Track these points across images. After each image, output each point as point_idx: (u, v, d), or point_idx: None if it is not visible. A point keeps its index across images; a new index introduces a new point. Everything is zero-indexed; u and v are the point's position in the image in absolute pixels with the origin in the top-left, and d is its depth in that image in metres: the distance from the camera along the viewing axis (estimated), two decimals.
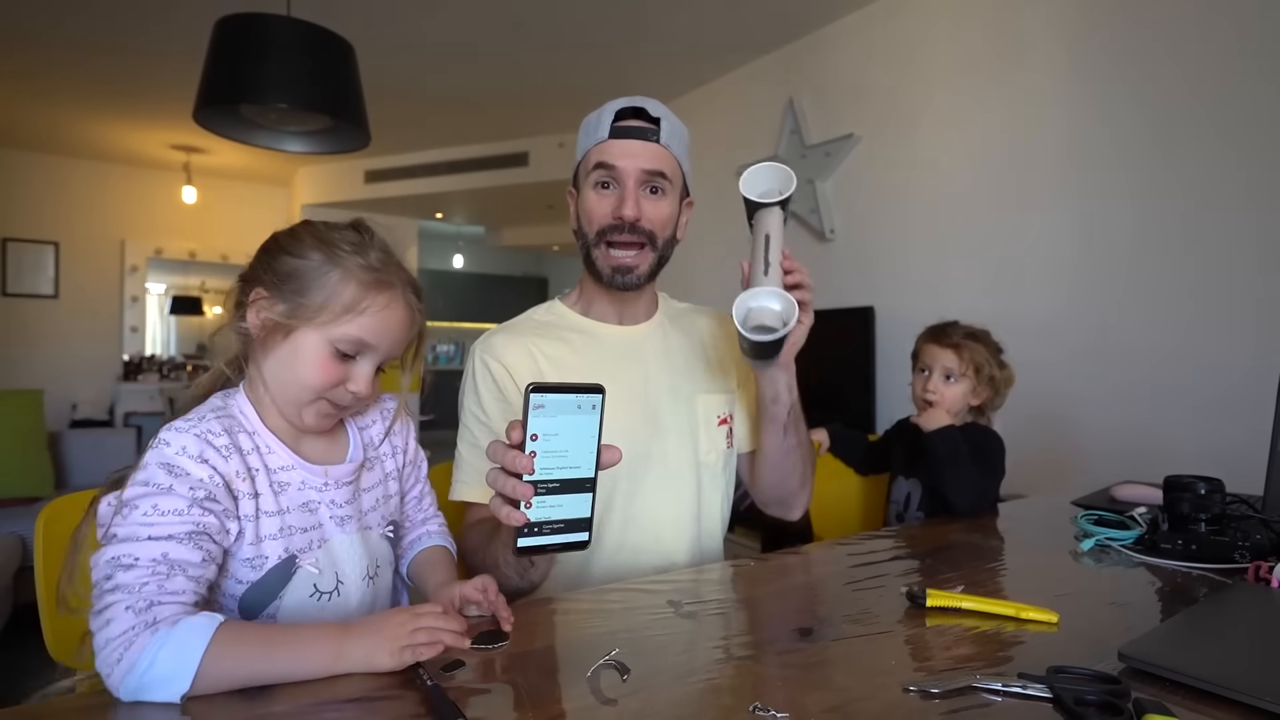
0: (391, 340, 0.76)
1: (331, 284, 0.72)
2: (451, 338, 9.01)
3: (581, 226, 1.07)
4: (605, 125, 1.02)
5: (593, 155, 1.03)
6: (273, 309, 0.72)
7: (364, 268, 0.73)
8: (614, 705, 0.58)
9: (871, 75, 2.89)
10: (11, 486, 2.90)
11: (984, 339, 1.47)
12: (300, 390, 0.73)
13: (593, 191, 1.04)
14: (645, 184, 1.03)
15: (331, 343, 0.72)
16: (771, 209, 0.93)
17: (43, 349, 5.34)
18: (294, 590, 0.73)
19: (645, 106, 1.04)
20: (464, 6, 3.00)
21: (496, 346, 1.06)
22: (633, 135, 1.02)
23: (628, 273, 1.05)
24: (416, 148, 5.13)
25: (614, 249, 1.04)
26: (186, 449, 0.66)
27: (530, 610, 0.80)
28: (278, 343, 0.73)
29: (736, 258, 1.00)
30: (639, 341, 1.12)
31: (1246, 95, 1.84)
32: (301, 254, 0.73)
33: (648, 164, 1.02)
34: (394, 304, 0.75)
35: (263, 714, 0.55)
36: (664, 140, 1.03)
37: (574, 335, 1.10)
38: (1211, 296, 1.89)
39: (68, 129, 4.73)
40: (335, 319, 0.72)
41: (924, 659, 0.68)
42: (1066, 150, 2.23)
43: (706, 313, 1.26)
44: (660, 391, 1.09)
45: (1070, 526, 1.21)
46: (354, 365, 0.74)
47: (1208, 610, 0.79)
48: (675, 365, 1.13)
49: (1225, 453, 1.75)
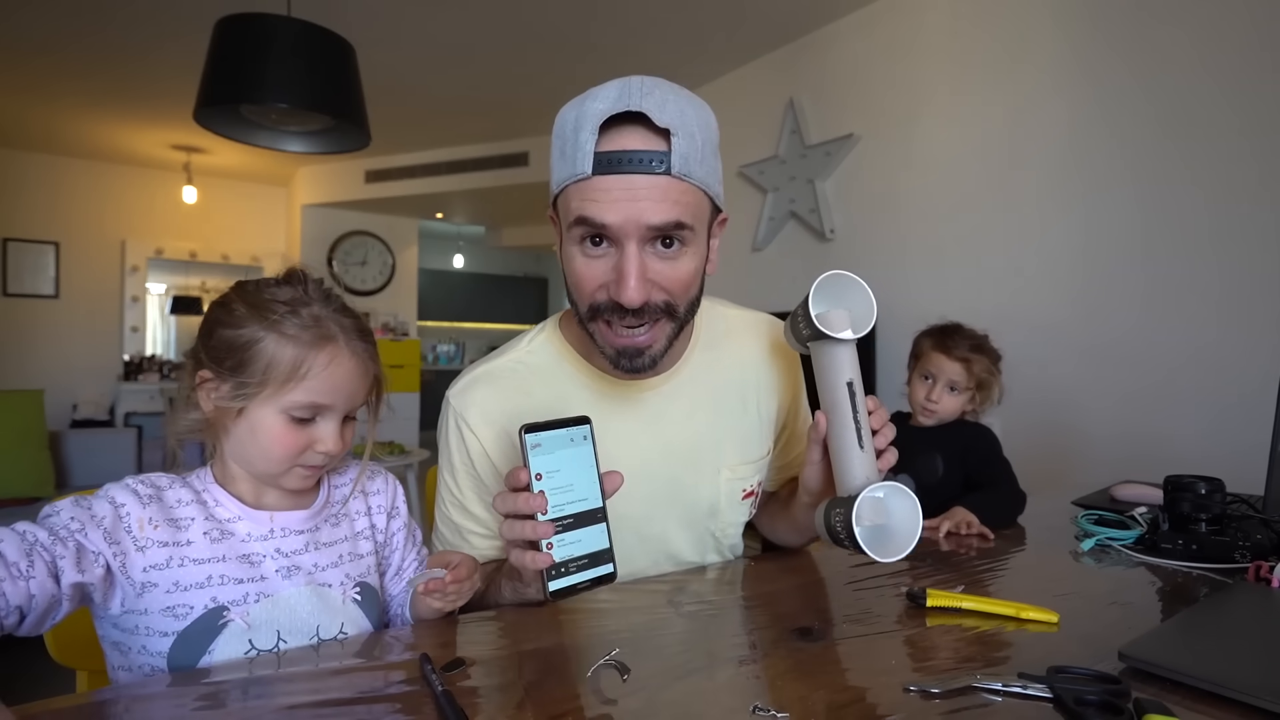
0: (347, 394, 0.72)
1: (268, 354, 0.69)
2: (452, 338, 9.02)
3: (569, 289, 0.80)
4: (586, 150, 0.71)
5: (572, 199, 0.73)
6: (219, 390, 0.70)
7: (300, 327, 0.70)
8: (614, 705, 0.58)
9: (871, 74, 2.89)
10: (12, 486, 2.90)
11: (987, 349, 1.47)
12: (269, 464, 0.72)
13: (578, 250, 0.75)
14: (654, 239, 0.73)
15: (285, 412, 0.70)
16: (847, 344, 0.73)
17: (43, 349, 5.34)
18: (225, 644, 0.68)
19: (646, 111, 0.70)
20: (464, 6, 3.00)
21: (470, 407, 0.88)
22: (628, 168, 0.70)
23: (638, 355, 0.79)
24: (417, 148, 5.13)
25: (615, 328, 0.77)
26: (109, 488, 0.68)
27: (531, 611, 0.80)
28: (234, 422, 0.71)
29: (736, 259, 0.97)
30: (654, 400, 0.89)
31: (1251, 91, 1.83)
32: (234, 324, 0.70)
33: (655, 217, 0.71)
34: (338, 358, 0.71)
35: (264, 713, 0.55)
36: (678, 168, 0.71)
37: (569, 387, 0.89)
38: (1212, 297, 1.89)
39: (68, 129, 4.74)
40: (280, 389, 0.69)
41: (924, 659, 0.68)
42: (1067, 150, 2.23)
43: (754, 330, 0.98)
44: (673, 465, 0.90)
45: (1070, 526, 1.21)
46: (315, 427, 0.72)
47: (1208, 610, 0.79)
48: (699, 429, 0.91)
49: (1225, 452, 1.75)
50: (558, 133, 0.76)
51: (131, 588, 0.66)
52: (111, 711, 0.54)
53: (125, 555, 0.66)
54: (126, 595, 0.66)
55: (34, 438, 3.04)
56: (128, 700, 0.57)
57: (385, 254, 6.25)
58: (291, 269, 0.75)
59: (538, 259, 9.67)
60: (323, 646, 0.70)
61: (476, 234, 8.04)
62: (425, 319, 7.74)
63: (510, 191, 5.20)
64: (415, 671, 0.63)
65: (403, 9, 3.03)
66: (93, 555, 0.64)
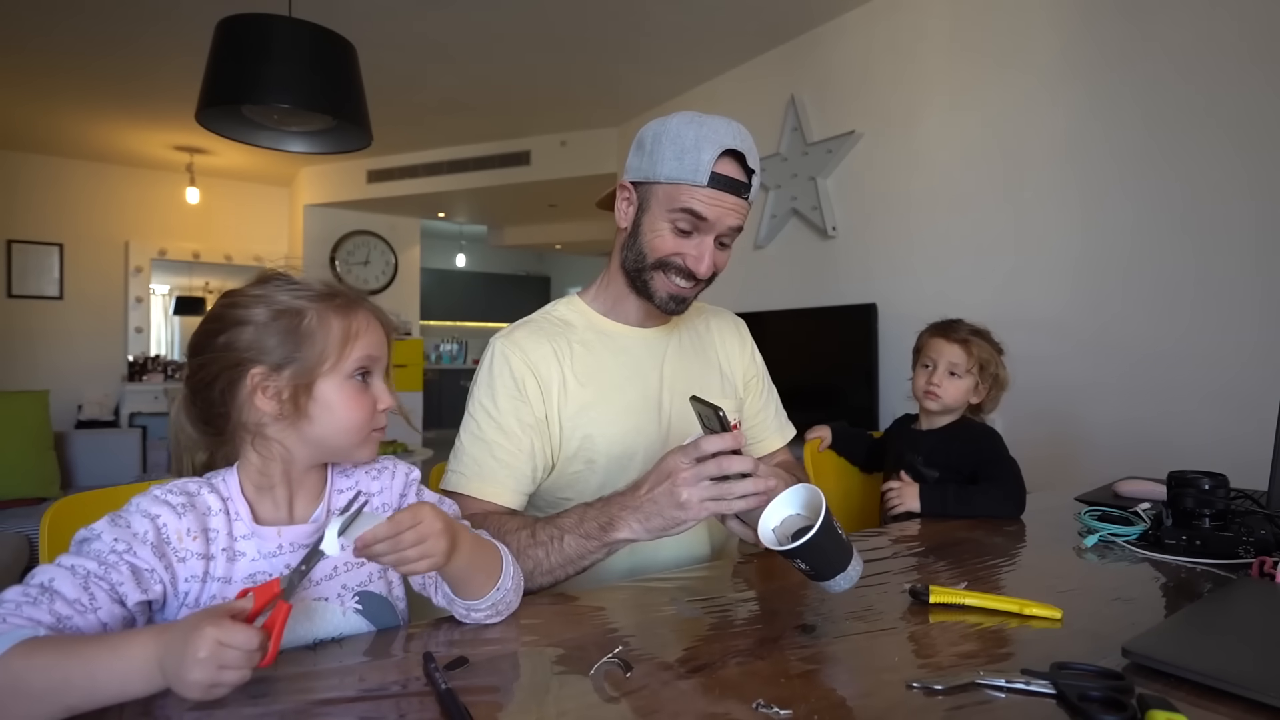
0: (385, 346, 0.77)
1: (315, 328, 0.71)
2: (454, 337, 9.03)
3: (640, 245, 1.03)
4: (705, 168, 0.96)
5: (684, 196, 0.98)
6: (279, 379, 0.70)
7: (322, 297, 0.73)
8: (617, 703, 0.58)
9: (873, 72, 2.88)
10: (18, 487, 2.91)
11: (988, 337, 1.47)
12: (349, 435, 0.73)
13: (669, 227, 1.01)
14: (721, 237, 1.02)
15: (350, 377, 0.73)
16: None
17: (48, 350, 5.36)
18: None
19: (746, 155, 0.99)
20: (465, 6, 3.00)
21: (520, 341, 1.05)
22: (730, 189, 0.98)
23: (682, 303, 1.06)
24: (418, 147, 5.14)
25: (675, 280, 1.03)
26: (140, 502, 0.68)
27: (534, 608, 0.80)
28: (305, 407, 0.71)
29: (737, 257, 1.00)
30: (657, 345, 1.13)
31: (1246, 87, 1.83)
32: (262, 318, 0.71)
33: (734, 222, 1.01)
34: (369, 315, 0.76)
35: (266, 712, 0.56)
36: (751, 197, 1.02)
37: (594, 337, 1.10)
38: (1215, 291, 1.89)
39: (71, 131, 4.75)
40: (339, 355, 0.72)
41: (927, 655, 0.68)
42: (1068, 145, 2.23)
43: (718, 314, 1.27)
44: (674, 396, 1.10)
45: (1074, 523, 1.20)
46: (372, 386, 0.75)
47: (1212, 606, 0.78)
48: (690, 370, 1.14)
49: (1229, 448, 1.74)
50: (674, 139, 0.98)
51: (176, 600, 0.67)
52: (112, 711, 0.55)
53: (172, 569, 0.67)
54: (170, 608, 0.67)
55: (39, 438, 3.04)
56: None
57: (388, 254, 6.26)
58: (261, 272, 0.76)
59: (540, 258, 9.68)
60: (326, 646, 0.70)
61: (479, 233, 8.05)
62: (428, 318, 7.75)
63: (512, 191, 5.20)
64: (419, 670, 0.63)
65: (404, 9, 3.03)
66: (148, 573, 0.64)
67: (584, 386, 1.04)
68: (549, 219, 6.45)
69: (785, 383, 1.37)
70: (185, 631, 0.52)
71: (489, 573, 0.74)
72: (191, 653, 0.50)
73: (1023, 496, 1.29)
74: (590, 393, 1.04)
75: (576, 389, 1.04)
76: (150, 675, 0.52)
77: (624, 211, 1.05)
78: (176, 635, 0.52)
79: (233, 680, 0.52)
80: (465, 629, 0.74)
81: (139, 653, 0.52)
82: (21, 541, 2.61)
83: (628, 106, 4.17)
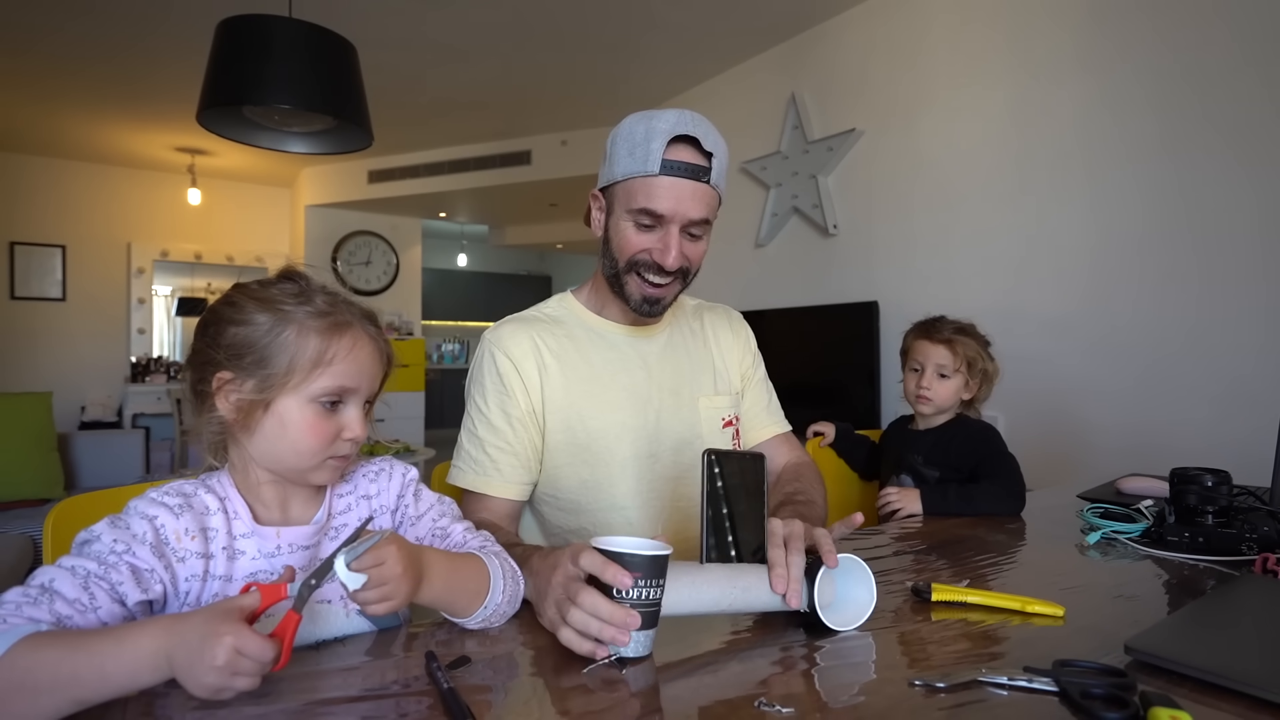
0: (369, 376, 0.73)
1: (291, 344, 0.69)
2: (456, 336, 9.03)
3: (610, 249, 1.03)
4: (655, 155, 0.94)
5: (637, 191, 0.97)
6: (242, 389, 0.69)
7: (315, 315, 0.70)
8: (619, 702, 0.58)
9: (874, 69, 2.88)
10: (22, 488, 2.92)
11: (972, 332, 1.47)
12: (301, 457, 0.71)
13: (630, 226, 0.99)
14: (689, 228, 0.99)
15: (314, 400, 0.70)
16: None
17: (51, 351, 5.37)
18: None
19: (699, 137, 0.95)
20: (465, 5, 3.00)
21: (504, 338, 1.06)
22: (684, 174, 0.95)
23: (656, 303, 1.04)
24: (419, 147, 5.14)
25: (647, 280, 1.01)
26: (137, 505, 0.68)
27: (534, 609, 0.80)
28: (259, 420, 0.70)
29: (738, 255, 0.99)
30: (646, 346, 1.12)
31: (1255, 84, 1.82)
32: (248, 321, 0.69)
33: (696, 212, 0.97)
34: (359, 341, 0.72)
35: (269, 712, 0.56)
36: (714, 180, 0.98)
37: (582, 333, 1.10)
38: (1219, 289, 1.88)
39: (73, 133, 4.76)
40: (307, 377, 0.69)
41: (929, 653, 0.68)
42: (1071, 143, 2.22)
43: (716, 310, 1.27)
44: (663, 395, 1.10)
45: (1076, 520, 1.20)
46: (341, 414, 0.72)
47: (1215, 603, 0.78)
48: (680, 369, 1.13)
49: (1232, 445, 1.74)
50: (625, 137, 0.98)
51: (177, 599, 0.67)
52: (114, 710, 0.55)
53: (172, 569, 0.67)
54: (170, 607, 0.67)
55: (43, 440, 3.05)
56: (130, 699, 0.57)
57: (389, 254, 6.26)
58: (288, 266, 0.75)
59: (541, 257, 9.68)
60: (328, 646, 0.70)
61: (480, 233, 8.05)
62: (429, 318, 7.76)
63: (513, 190, 5.20)
64: (421, 669, 0.63)
65: (404, 9, 3.03)
66: (148, 573, 0.64)
67: (569, 381, 1.05)
68: (550, 218, 6.45)
69: (787, 381, 1.37)
70: (202, 633, 0.52)
71: (472, 593, 0.72)
72: (209, 658, 0.51)
73: (1023, 492, 1.30)
74: (576, 387, 1.05)
75: (561, 383, 1.04)
76: (159, 666, 0.53)
77: (596, 220, 1.06)
78: (191, 633, 0.52)
79: (243, 686, 0.53)
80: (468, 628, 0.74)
81: (148, 644, 0.53)
82: (25, 542, 2.61)
83: (628, 105, 4.17)
